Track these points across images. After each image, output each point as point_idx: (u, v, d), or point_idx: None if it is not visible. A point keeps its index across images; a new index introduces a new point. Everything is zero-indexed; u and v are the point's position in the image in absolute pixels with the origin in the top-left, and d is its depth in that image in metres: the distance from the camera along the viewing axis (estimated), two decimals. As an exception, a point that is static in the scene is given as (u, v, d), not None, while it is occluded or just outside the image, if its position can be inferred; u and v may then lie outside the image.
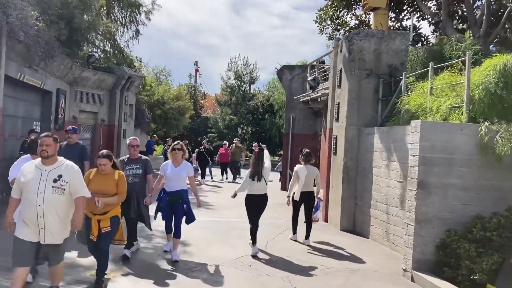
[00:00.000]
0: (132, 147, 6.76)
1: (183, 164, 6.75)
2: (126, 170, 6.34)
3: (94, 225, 5.19)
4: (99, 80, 17.99)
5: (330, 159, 10.15)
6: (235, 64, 37.07)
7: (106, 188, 5.22)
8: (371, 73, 9.34)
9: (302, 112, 16.12)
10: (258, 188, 7.15)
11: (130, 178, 6.31)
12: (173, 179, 6.65)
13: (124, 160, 6.68)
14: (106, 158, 5.32)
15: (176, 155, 6.71)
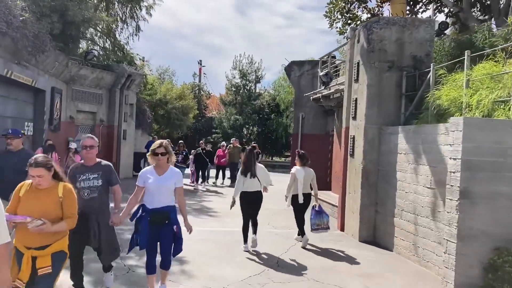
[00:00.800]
0: (86, 148, 4.80)
1: (169, 172, 4.94)
2: (79, 181, 4.72)
3: (25, 264, 3.54)
4: (97, 79, 17.11)
5: (346, 161, 9.17)
6: (240, 62, 36.13)
7: (45, 210, 3.60)
8: (393, 65, 8.35)
9: (312, 110, 15.14)
10: (251, 185, 7.22)
11: (86, 193, 4.73)
12: (156, 192, 4.86)
13: (76, 168, 4.89)
14: (41, 167, 3.63)
15: (159, 162, 4.90)
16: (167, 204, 4.89)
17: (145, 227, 4.88)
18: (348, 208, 8.93)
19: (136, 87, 19.11)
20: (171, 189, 4.92)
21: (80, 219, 4.04)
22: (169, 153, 4.95)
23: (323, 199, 11.72)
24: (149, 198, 4.91)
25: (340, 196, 9.45)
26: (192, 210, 10.89)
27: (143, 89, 21.77)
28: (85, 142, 4.82)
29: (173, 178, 4.92)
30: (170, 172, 4.95)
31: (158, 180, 4.86)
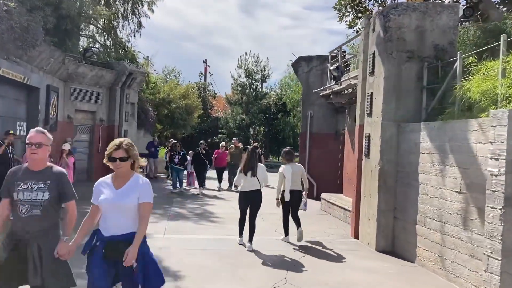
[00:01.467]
0: (31, 146, 3.46)
1: (132, 183, 3.47)
2: (17, 191, 3.43)
3: None
4: (96, 76, 16.42)
5: (361, 162, 8.35)
6: (246, 61, 35.35)
7: None
8: (412, 55, 7.52)
9: (322, 108, 14.33)
10: (251, 184, 7.18)
11: (25, 209, 3.39)
12: (112, 213, 3.42)
13: (15, 172, 3.56)
14: None
15: (118, 170, 3.46)
16: (129, 230, 3.37)
17: (97, 263, 3.37)
18: (363, 214, 8.11)
19: (137, 86, 18.41)
20: (133, 207, 3.41)
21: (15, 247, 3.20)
22: (133, 157, 3.47)
23: (334, 202, 10.91)
24: (103, 221, 3.48)
25: (353, 200, 8.64)
26: (193, 215, 10.14)
27: (145, 88, 21.08)
28: (31, 138, 3.46)
29: (136, 191, 3.42)
30: (132, 184, 3.46)
31: (115, 195, 3.42)
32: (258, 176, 7.21)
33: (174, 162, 13.91)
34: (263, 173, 7.33)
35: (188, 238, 7.83)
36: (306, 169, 14.32)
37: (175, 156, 13.88)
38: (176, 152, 14.03)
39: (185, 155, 14.35)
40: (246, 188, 7.24)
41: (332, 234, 8.77)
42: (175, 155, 13.91)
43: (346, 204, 10.28)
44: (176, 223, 9.12)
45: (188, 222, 9.36)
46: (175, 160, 13.84)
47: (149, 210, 3.49)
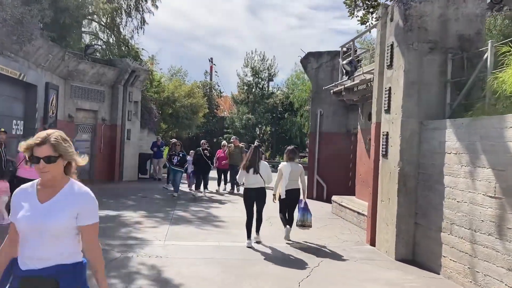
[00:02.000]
0: None
1: (65, 194, 2.42)
2: None
3: None
4: (98, 74, 15.90)
5: (378, 163, 7.71)
6: (252, 59, 34.80)
7: None
8: (435, 46, 6.88)
9: (332, 106, 13.69)
10: (254, 181, 7.25)
11: None
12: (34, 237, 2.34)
13: None
14: None
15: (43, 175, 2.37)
16: (56, 262, 2.33)
17: None
18: (380, 219, 7.47)
19: (140, 84, 17.88)
20: (67, 230, 2.37)
21: None
22: (65, 157, 2.40)
23: (346, 205, 10.27)
24: (21, 248, 2.38)
25: (369, 204, 7.99)
26: (197, 219, 9.54)
27: (149, 86, 20.55)
28: None
29: (71, 207, 2.38)
30: (64, 196, 2.40)
31: (38, 212, 2.35)
32: (261, 173, 7.27)
33: (172, 163, 12.86)
34: (266, 171, 7.39)
35: (189, 245, 7.24)
36: (315, 170, 13.75)
37: (174, 157, 12.80)
38: (175, 152, 12.93)
39: (185, 156, 13.19)
40: (249, 185, 7.32)
41: (346, 241, 8.13)
42: (174, 156, 12.84)
43: (359, 207, 9.65)
44: (178, 228, 8.53)
45: (190, 226, 8.77)
46: (173, 161, 12.79)
47: (96, 232, 2.45)
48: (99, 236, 2.48)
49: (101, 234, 7.39)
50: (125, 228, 8.28)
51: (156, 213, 10.03)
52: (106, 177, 16.36)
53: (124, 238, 7.49)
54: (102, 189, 13.82)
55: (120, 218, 9.31)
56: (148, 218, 9.37)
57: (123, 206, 10.94)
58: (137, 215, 9.74)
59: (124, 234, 7.80)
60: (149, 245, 7.07)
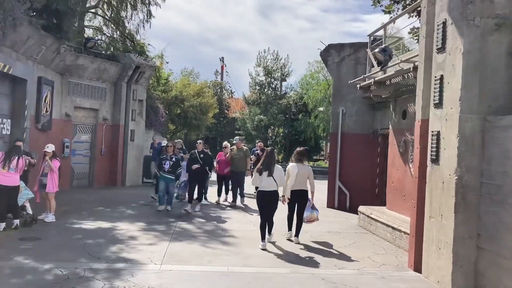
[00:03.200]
0: None
1: None
2: None
3: None
4: (99, 70, 14.66)
5: (423, 170, 6.25)
6: (265, 59, 33.53)
7: None
8: (503, 22, 5.42)
9: (355, 104, 12.24)
10: (268, 184, 7.26)
11: None
12: None
13: None
14: None
15: None
16: None
17: None
18: (429, 240, 6.00)
19: (146, 81, 16.60)
20: None
21: None
22: None
23: (377, 218, 8.80)
24: None
25: (413, 220, 6.52)
26: (202, 234, 8.16)
27: (155, 84, 19.28)
28: None
29: None
30: None
31: None
32: (275, 176, 7.28)
33: (163, 169, 10.24)
34: (280, 174, 7.41)
35: (191, 271, 5.85)
36: (337, 176, 12.29)
37: (165, 162, 10.21)
38: (166, 156, 10.32)
39: (178, 160, 10.43)
40: (263, 188, 7.34)
41: (383, 264, 6.67)
42: (164, 160, 10.24)
43: (393, 221, 8.18)
44: (179, 246, 7.16)
45: (194, 243, 7.38)
46: (164, 167, 10.17)
47: None
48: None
49: (86, 254, 6.00)
50: (116, 246, 6.93)
51: (156, 225, 8.68)
52: (107, 182, 15.10)
53: (113, 260, 6.14)
54: (100, 196, 12.55)
55: (113, 231, 7.98)
56: (145, 232, 8.01)
57: (120, 216, 9.61)
58: (134, 227, 8.40)
59: (114, 254, 6.45)
60: (142, 270, 5.71)
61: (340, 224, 9.83)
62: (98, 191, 13.70)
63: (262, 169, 7.33)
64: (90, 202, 11.33)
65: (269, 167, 7.30)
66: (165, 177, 10.17)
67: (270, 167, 7.30)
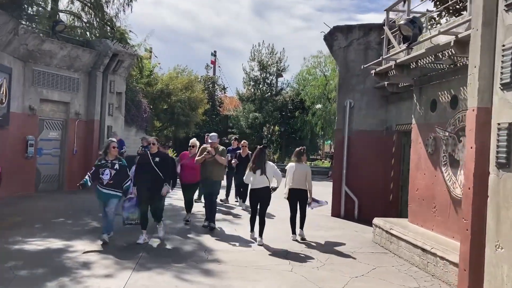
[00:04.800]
0: None
1: None
2: None
3: None
4: (70, 57, 12.78)
5: (483, 179, 4.47)
6: (259, 52, 31.61)
7: None
8: None
9: (366, 96, 10.49)
10: (260, 181, 7.31)
11: None
12: None
13: None
14: None
15: None
16: None
17: None
18: (495, 278, 4.24)
19: (125, 71, 14.74)
20: None
21: None
22: None
23: (401, 236, 7.03)
24: None
25: (465, 247, 4.74)
26: (178, 257, 6.34)
27: (139, 76, 17.41)
28: None
29: None
30: None
31: None
32: (268, 174, 7.32)
33: (100, 181, 6.85)
34: (273, 170, 7.46)
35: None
36: (343, 179, 10.53)
37: (104, 170, 6.82)
38: (106, 161, 6.91)
39: (125, 167, 7.00)
40: (255, 186, 7.38)
41: (421, 307, 4.89)
42: (103, 168, 6.85)
43: (423, 241, 6.42)
44: (145, 278, 5.35)
45: (166, 273, 5.57)
46: (103, 178, 6.81)
47: None
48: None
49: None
50: (57, 280, 5.10)
51: (122, 243, 6.86)
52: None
53: None
54: (68, 203, 10.68)
55: (63, 255, 6.15)
56: (105, 256, 6.18)
57: (82, 230, 7.79)
58: (93, 247, 6.59)
59: None
60: None
61: (350, 240, 8.07)
62: (68, 196, 11.83)
63: (254, 167, 7.34)
64: (52, 211, 9.52)
65: (260, 165, 7.32)
66: (104, 194, 6.85)
67: (261, 165, 7.32)
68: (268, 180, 7.32)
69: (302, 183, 7.69)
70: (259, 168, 7.28)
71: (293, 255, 6.69)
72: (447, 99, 6.73)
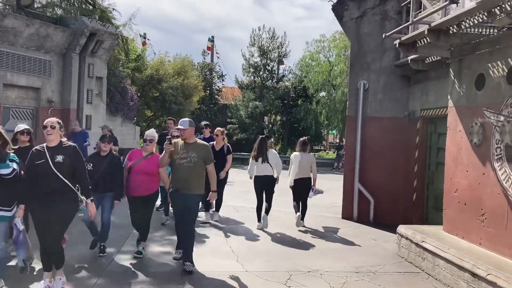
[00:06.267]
0: None
1: None
2: None
3: None
4: (39, 36, 11.10)
5: None
6: (259, 37, 29.79)
7: None
8: None
9: (383, 75, 8.82)
10: (263, 169, 7.47)
11: None
12: None
13: None
14: None
15: None
16: None
17: None
18: None
19: (106, 53, 13.06)
20: None
21: None
22: None
23: (434, 250, 5.41)
24: None
25: None
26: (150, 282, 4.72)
27: (124, 59, 15.73)
28: None
29: None
30: None
31: None
32: (271, 162, 7.47)
33: None
34: (276, 159, 7.58)
35: None
36: (356, 176, 8.89)
37: None
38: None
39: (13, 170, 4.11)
40: (259, 173, 7.47)
41: None
42: None
43: (472, 260, 4.79)
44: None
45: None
46: None
47: None
48: None
49: None
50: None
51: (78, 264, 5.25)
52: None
53: None
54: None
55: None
56: None
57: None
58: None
59: None
60: None
61: (369, 252, 6.47)
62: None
63: (256, 155, 7.49)
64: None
65: (262, 153, 7.47)
66: None
67: (263, 153, 7.48)
68: (272, 167, 7.47)
69: (307, 172, 7.80)
70: (261, 156, 7.44)
71: (297, 277, 5.09)
72: (502, 73, 5.06)
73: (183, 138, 5.24)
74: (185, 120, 5.31)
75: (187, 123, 5.23)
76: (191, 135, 5.27)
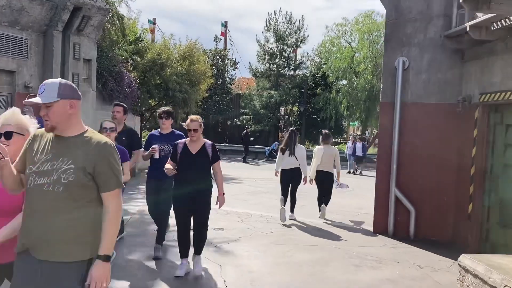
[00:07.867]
0: None
1: None
2: None
3: None
4: (11, 9, 9.39)
5: None
6: (275, 22, 27.77)
7: None
8: None
9: (428, 51, 6.86)
10: (289, 162, 7.59)
11: None
12: None
13: None
14: None
15: None
16: None
17: None
18: None
19: (94, 32, 11.30)
20: None
21: None
22: None
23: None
24: None
25: None
26: None
27: (121, 41, 14.01)
28: None
29: None
30: None
31: None
32: (297, 155, 7.57)
33: None
34: (301, 153, 7.67)
35: None
36: (393, 178, 6.97)
37: None
38: None
39: None
40: (285, 167, 7.60)
41: None
42: None
43: None
44: None
45: None
46: None
47: None
48: None
49: None
50: None
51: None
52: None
53: None
54: None
55: None
56: None
57: None
58: None
59: None
60: None
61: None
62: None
63: (284, 148, 7.65)
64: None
65: (290, 146, 7.59)
66: None
67: (291, 146, 7.59)
68: (298, 161, 7.56)
69: (330, 166, 7.91)
70: (288, 150, 7.58)
71: None
72: None
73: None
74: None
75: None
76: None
